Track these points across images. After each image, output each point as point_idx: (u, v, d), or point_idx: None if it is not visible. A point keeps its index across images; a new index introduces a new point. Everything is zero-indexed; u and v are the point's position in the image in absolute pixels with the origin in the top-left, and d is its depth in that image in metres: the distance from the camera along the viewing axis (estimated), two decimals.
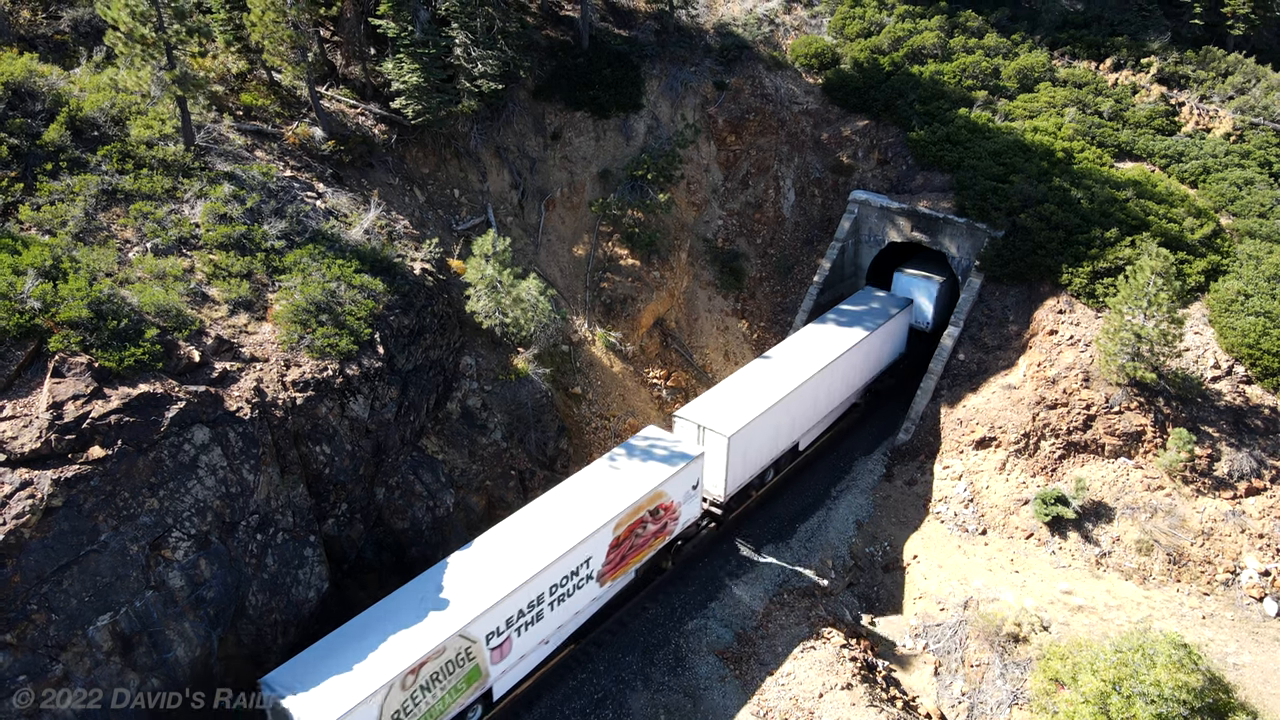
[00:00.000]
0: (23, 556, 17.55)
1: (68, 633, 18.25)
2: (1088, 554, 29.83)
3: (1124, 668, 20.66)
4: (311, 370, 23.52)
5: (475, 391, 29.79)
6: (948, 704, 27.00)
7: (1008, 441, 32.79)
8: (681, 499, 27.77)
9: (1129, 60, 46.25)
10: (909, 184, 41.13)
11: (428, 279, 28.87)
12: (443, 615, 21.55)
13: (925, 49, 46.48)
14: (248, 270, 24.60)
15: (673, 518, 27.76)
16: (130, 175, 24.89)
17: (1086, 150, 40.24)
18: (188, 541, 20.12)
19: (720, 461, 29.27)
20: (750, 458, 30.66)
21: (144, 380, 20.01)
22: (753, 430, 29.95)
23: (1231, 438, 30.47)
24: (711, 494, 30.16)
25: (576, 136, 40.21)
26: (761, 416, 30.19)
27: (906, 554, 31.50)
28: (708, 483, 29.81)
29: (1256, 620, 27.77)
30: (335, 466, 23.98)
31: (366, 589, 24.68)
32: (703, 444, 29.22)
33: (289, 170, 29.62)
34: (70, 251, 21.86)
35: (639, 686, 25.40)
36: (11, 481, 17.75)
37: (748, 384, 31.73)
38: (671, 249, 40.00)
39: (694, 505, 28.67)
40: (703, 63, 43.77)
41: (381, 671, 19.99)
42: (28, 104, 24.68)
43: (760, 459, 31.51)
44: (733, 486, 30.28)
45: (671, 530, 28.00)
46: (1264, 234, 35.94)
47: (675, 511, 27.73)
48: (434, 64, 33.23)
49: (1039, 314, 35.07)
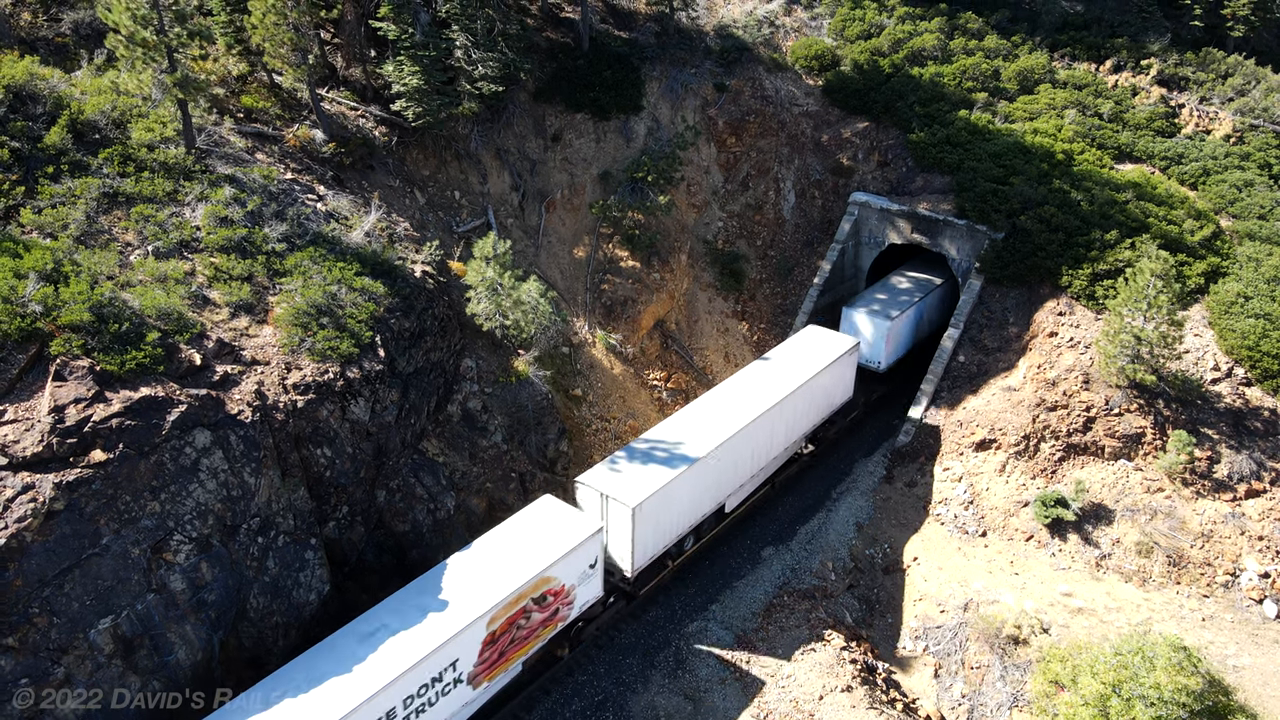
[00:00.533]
0: (24, 560, 17.57)
1: (69, 636, 18.27)
2: (1088, 556, 29.87)
3: (1124, 670, 20.69)
4: (312, 373, 23.55)
5: (476, 394, 29.82)
6: (948, 706, 27.04)
7: (1008, 443, 32.83)
8: (576, 580, 24.53)
9: (1129, 62, 46.30)
10: (909, 186, 41.17)
11: (428, 281, 28.90)
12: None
13: (925, 51, 46.52)
14: (249, 273, 24.62)
15: (565, 602, 24.40)
16: (131, 178, 24.92)
17: (1086, 152, 40.29)
18: (189, 545, 20.14)
19: (625, 534, 26.13)
20: (663, 527, 27.40)
21: (145, 384, 20.04)
22: (665, 497, 26.71)
23: (1231, 440, 30.51)
24: (619, 567, 26.95)
25: (577, 138, 40.25)
26: (676, 480, 26.88)
27: (906, 556, 31.54)
28: (615, 554, 26.77)
29: (1256, 622, 27.80)
30: (336, 469, 24.01)
31: (368, 591, 24.70)
32: (606, 515, 26.20)
33: (290, 173, 29.65)
34: (71, 255, 21.89)
35: (639, 688, 25.44)
36: (13, 485, 17.77)
37: (665, 441, 28.37)
38: (672, 251, 40.03)
39: (594, 584, 25.38)
40: (703, 64, 43.81)
41: None
42: (29, 107, 24.70)
43: (676, 527, 28.10)
44: (642, 560, 26.97)
45: (566, 615, 24.72)
46: (1264, 236, 35.99)
47: (568, 595, 24.41)
48: (434, 66, 33.27)
49: (1039, 316, 35.11)
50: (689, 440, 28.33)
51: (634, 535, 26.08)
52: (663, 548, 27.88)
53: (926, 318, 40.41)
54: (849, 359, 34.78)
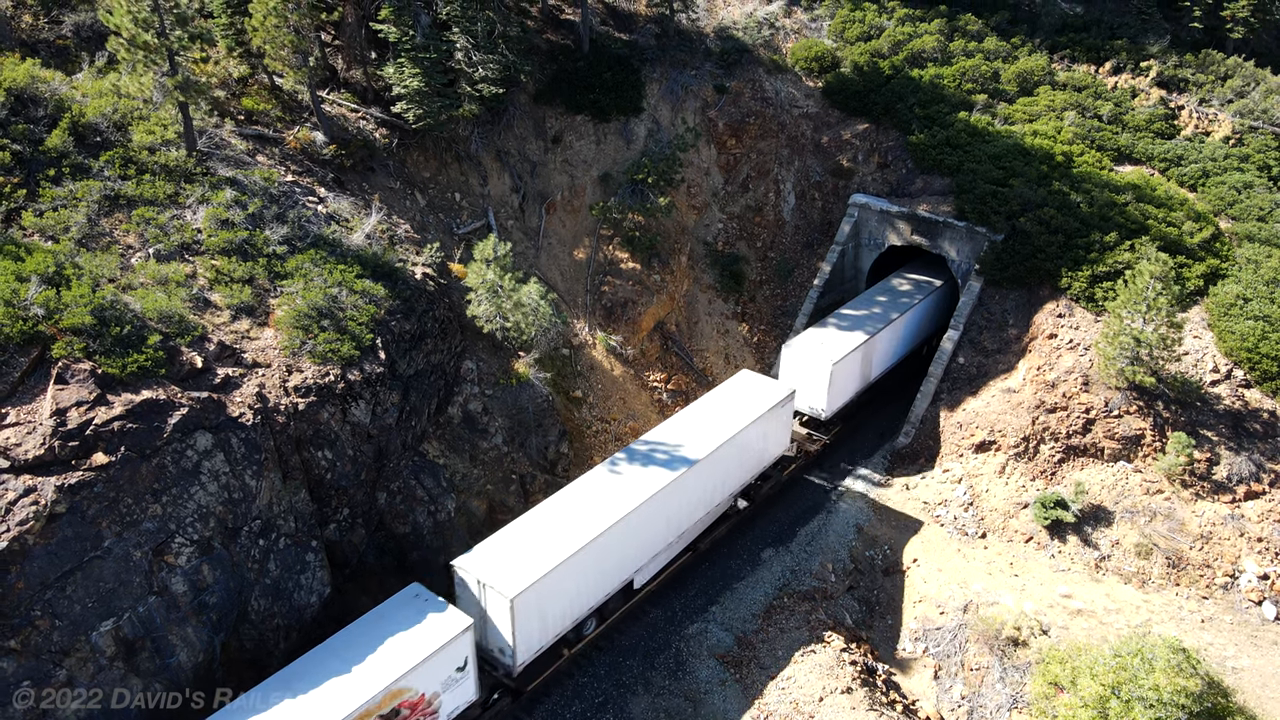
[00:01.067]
0: (27, 563, 17.63)
1: (71, 638, 18.33)
2: (1087, 557, 29.91)
3: (1123, 672, 20.74)
4: (313, 376, 23.60)
5: (476, 396, 29.86)
6: (947, 708, 27.08)
7: (1007, 445, 32.87)
8: (440, 687, 21.37)
9: (1128, 64, 46.33)
10: (909, 187, 41.22)
11: (429, 283, 28.96)
12: None
13: (925, 53, 46.56)
14: (250, 276, 24.68)
15: (427, 713, 21.37)
16: (132, 181, 24.98)
17: (1086, 154, 40.33)
18: (190, 547, 20.20)
19: (506, 626, 22.77)
20: (554, 614, 24.07)
21: (147, 386, 20.10)
22: (556, 581, 23.46)
23: (1230, 441, 30.55)
24: (501, 662, 23.68)
25: (577, 140, 40.30)
26: (569, 562, 23.64)
27: (906, 557, 31.58)
28: (495, 648, 23.49)
29: (1255, 624, 27.84)
30: (337, 471, 24.06)
31: (368, 593, 24.75)
32: (485, 603, 22.91)
33: (290, 175, 29.70)
34: (73, 258, 21.95)
35: (640, 690, 25.49)
36: (15, 488, 17.83)
37: (561, 514, 25.00)
38: (672, 252, 40.08)
39: (465, 687, 22.30)
40: (703, 66, 43.86)
41: None
42: (30, 110, 24.76)
43: (571, 611, 24.77)
44: (526, 654, 23.61)
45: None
46: (1263, 238, 36.03)
47: (431, 705, 21.35)
48: (435, 68, 33.32)
49: (1038, 318, 35.16)
50: (589, 511, 25.05)
51: (515, 628, 22.69)
52: (554, 636, 24.56)
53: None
54: (783, 409, 31.38)
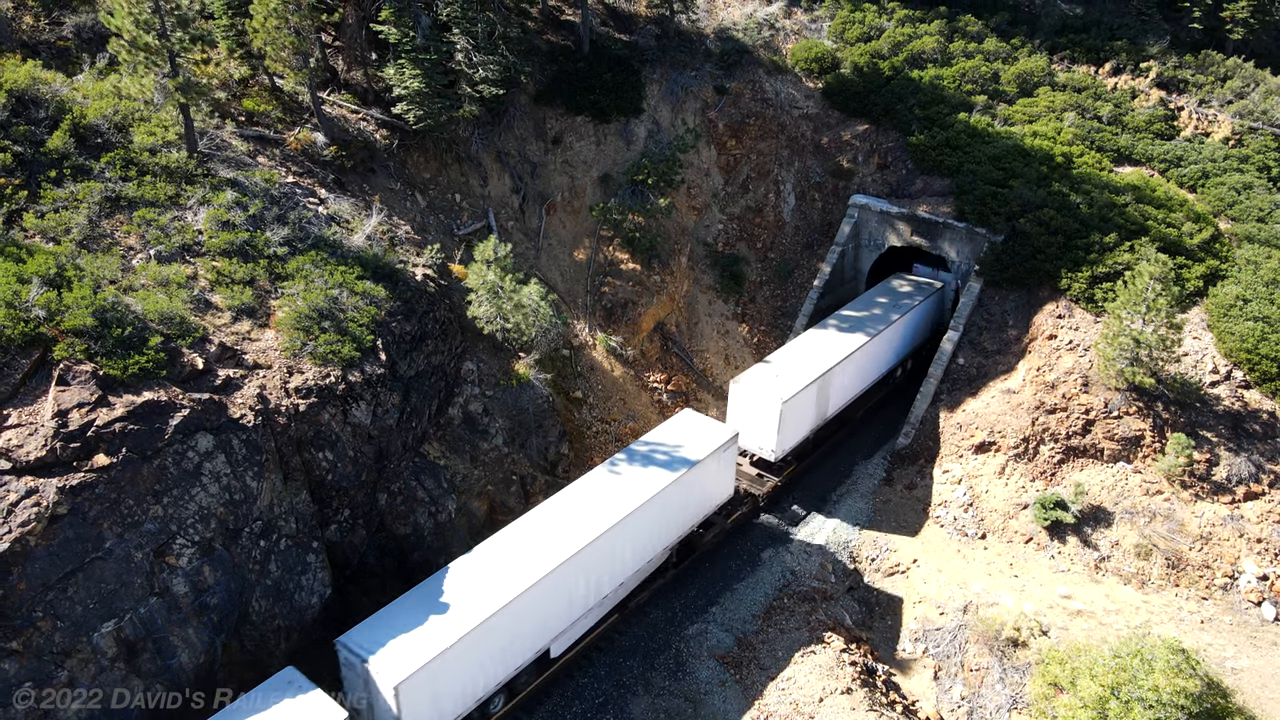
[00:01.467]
0: (28, 564, 17.67)
1: (72, 639, 18.37)
2: (1087, 558, 29.95)
3: (1122, 673, 20.77)
4: (314, 377, 23.64)
5: (477, 397, 29.89)
6: (947, 708, 27.12)
7: (1007, 446, 32.90)
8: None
9: (1128, 65, 46.37)
10: (909, 188, 41.25)
11: (429, 285, 28.99)
12: None
13: (925, 54, 46.60)
14: (250, 277, 24.71)
15: None
16: (133, 182, 25.01)
17: (1086, 155, 40.37)
18: (191, 548, 20.24)
19: (390, 714, 20.41)
20: (452, 695, 21.73)
21: (148, 388, 20.13)
22: (452, 659, 21.08)
23: (1230, 442, 30.59)
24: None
25: (577, 141, 40.33)
26: (469, 637, 21.24)
27: (906, 558, 31.62)
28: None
29: (1254, 625, 27.88)
30: (338, 472, 24.10)
31: (369, 594, 24.78)
32: (368, 687, 20.55)
33: (291, 176, 29.73)
34: (74, 259, 21.98)
35: (640, 691, 25.52)
36: (17, 490, 17.87)
37: (464, 580, 22.83)
38: (672, 253, 40.11)
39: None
40: (703, 67, 43.89)
41: None
42: (31, 111, 24.79)
43: (473, 690, 22.44)
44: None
45: None
46: (1263, 239, 36.07)
47: None
48: (435, 69, 33.35)
49: (1038, 319, 35.19)
50: (496, 578, 22.83)
51: (402, 716, 20.32)
52: (456, 718, 22.37)
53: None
54: (726, 452, 29.01)
